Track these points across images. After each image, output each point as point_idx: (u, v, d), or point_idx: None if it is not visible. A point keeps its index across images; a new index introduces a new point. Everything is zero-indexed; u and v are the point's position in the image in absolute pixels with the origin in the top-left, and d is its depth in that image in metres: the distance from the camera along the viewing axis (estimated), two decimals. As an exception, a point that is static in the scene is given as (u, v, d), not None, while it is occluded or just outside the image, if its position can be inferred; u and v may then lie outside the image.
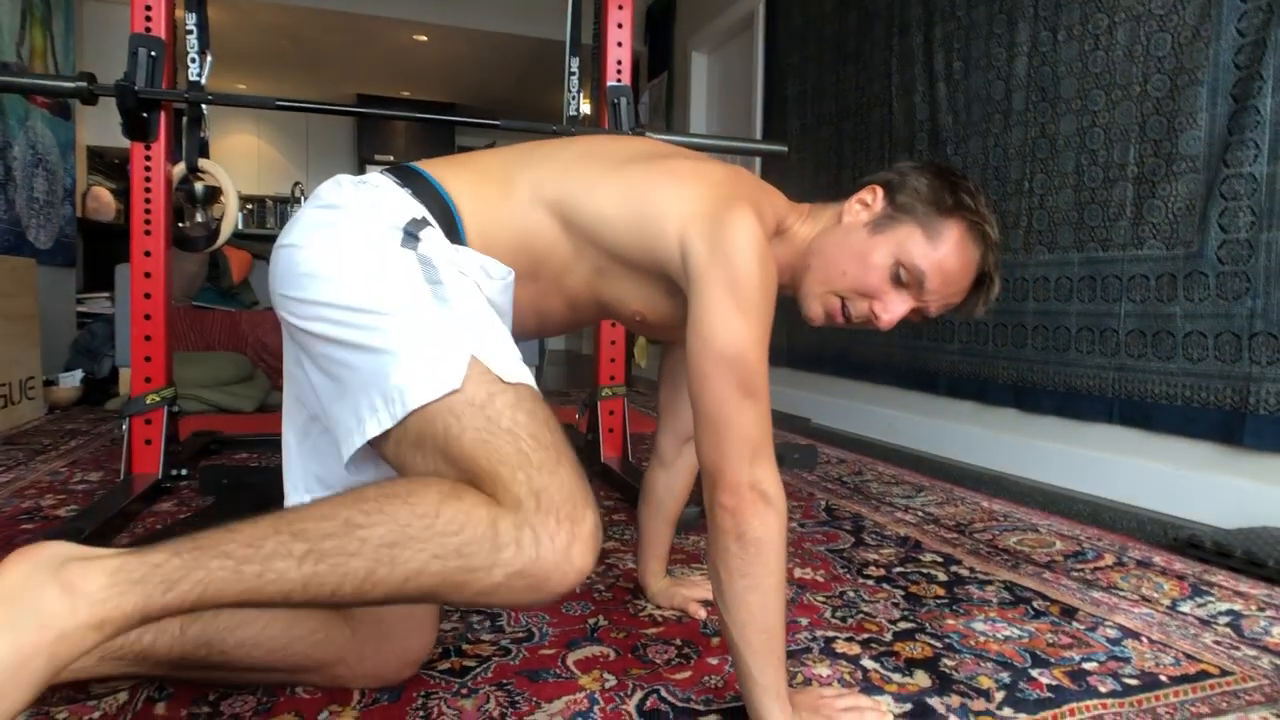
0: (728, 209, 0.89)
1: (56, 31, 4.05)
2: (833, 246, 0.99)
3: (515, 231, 0.96)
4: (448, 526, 0.68)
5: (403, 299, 0.81)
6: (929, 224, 0.95)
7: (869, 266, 0.96)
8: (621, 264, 0.98)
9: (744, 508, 0.83)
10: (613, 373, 2.29)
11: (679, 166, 0.99)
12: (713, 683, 1.03)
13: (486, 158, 1.04)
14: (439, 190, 0.94)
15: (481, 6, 5.52)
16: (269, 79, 7.06)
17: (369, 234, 0.86)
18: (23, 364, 2.92)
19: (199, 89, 2.10)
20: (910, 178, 0.98)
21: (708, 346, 0.85)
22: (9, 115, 3.50)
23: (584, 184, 0.97)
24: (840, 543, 1.68)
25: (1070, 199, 2.25)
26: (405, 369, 0.77)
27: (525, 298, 1.00)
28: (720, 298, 0.86)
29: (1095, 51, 2.17)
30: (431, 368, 0.76)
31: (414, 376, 0.76)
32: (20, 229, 3.59)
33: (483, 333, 0.81)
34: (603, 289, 1.01)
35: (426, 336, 0.79)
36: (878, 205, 0.98)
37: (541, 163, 1.00)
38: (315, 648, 0.94)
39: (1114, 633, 1.22)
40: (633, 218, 0.94)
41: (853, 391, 3.28)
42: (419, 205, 0.91)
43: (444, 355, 0.77)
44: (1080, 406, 2.24)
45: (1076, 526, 1.83)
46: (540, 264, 0.98)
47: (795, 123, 3.67)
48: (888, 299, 0.97)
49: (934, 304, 0.98)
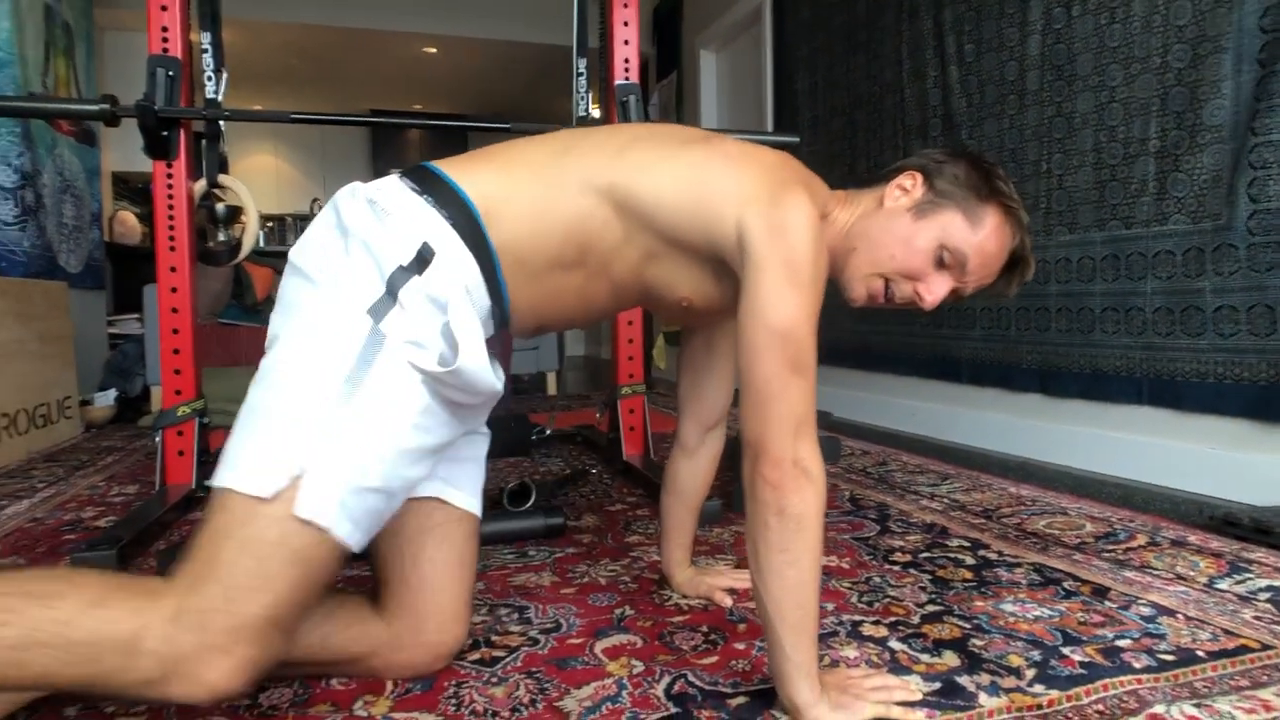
0: (784, 191, 0.92)
1: (79, 61, 4.13)
2: (878, 231, 1.02)
3: (564, 220, 0.96)
4: (84, 635, 0.74)
5: (298, 373, 0.86)
6: (969, 209, 0.99)
7: (914, 250, 0.99)
8: (675, 247, 0.99)
9: (786, 482, 0.84)
10: (632, 371, 2.29)
11: (732, 149, 1.00)
12: (740, 666, 1.03)
13: (522, 149, 1.03)
14: (459, 194, 0.94)
15: (488, 16, 5.56)
16: (284, 97, 7.17)
17: (343, 295, 0.88)
18: (59, 384, 2.98)
19: (216, 106, 2.14)
20: (947, 165, 1.02)
21: (761, 322, 0.87)
22: (38, 144, 3.57)
23: (639, 168, 0.97)
24: (865, 531, 1.67)
25: (1090, 177, 2.22)
26: (241, 444, 0.84)
27: (570, 285, 1.00)
28: (776, 275, 0.88)
29: (1112, 25, 2.14)
30: (255, 462, 0.81)
31: (240, 458, 0.83)
32: (51, 254, 3.67)
33: (342, 455, 0.82)
34: (651, 274, 1.02)
35: (278, 425, 0.83)
36: (918, 191, 1.01)
37: (591, 150, 1.00)
38: (352, 641, 0.97)
39: (1148, 610, 1.20)
40: (690, 200, 0.95)
41: (874, 384, 3.26)
42: (431, 226, 0.91)
43: (273, 458, 0.81)
44: (1108, 388, 2.21)
45: (1107, 509, 1.80)
46: (588, 251, 0.98)
47: (807, 115, 3.66)
48: (931, 280, 1.00)
49: (971, 284, 1.02)
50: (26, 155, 3.42)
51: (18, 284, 2.79)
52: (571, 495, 2.03)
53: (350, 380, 0.84)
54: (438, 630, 0.99)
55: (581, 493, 2.06)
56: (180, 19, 1.97)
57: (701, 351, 1.24)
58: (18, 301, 2.69)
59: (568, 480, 2.16)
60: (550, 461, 2.50)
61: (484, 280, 0.94)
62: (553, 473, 2.30)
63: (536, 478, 2.16)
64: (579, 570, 1.44)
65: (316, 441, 0.81)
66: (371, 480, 0.84)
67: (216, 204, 2.27)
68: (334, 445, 0.82)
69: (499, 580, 1.40)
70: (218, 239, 2.33)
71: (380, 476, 0.85)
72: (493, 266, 0.94)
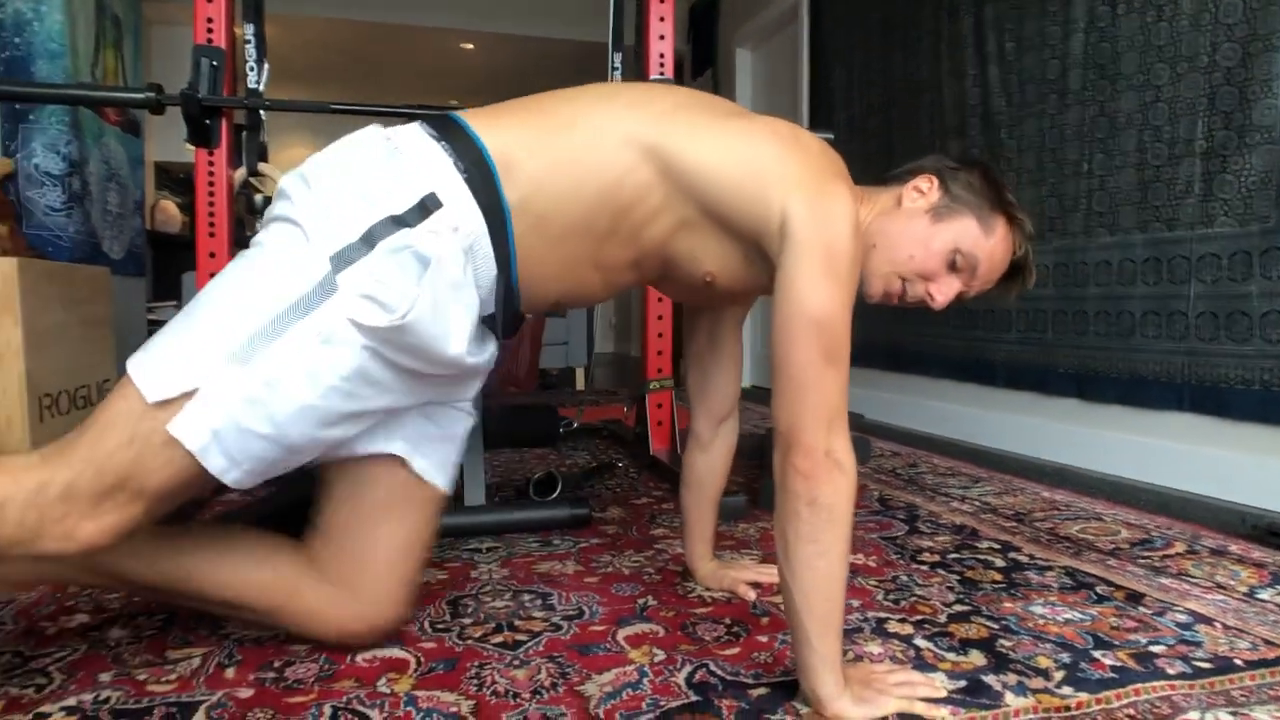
0: (830, 182, 0.92)
1: (126, 54, 4.22)
2: (896, 231, 1.03)
3: (599, 174, 0.94)
4: None
5: (241, 291, 0.89)
6: (983, 216, 1.02)
7: (931, 252, 1.01)
8: (711, 220, 0.97)
9: (818, 472, 0.84)
10: (660, 366, 2.29)
11: (782, 129, 1.00)
12: (762, 658, 1.03)
13: (549, 103, 1.01)
14: (478, 144, 0.93)
15: (526, 13, 5.60)
16: (323, 91, 7.27)
17: (317, 232, 0.88)
18: (99, 368, 3.04)
19: (257, 96, 2.17)
20: (962, 172, 1.04)
21: (799, 309, 0.87)
22: (86, 133, 3.66)
23: (688, 131, 0.96)
24: (893, 530, 1.65)
25: (1133, 178, 2.18)
26: (160, 341, 0.88)
27: (590, 253, 0.98)
28: (816, 264, 0.87)
29: (1158, 23, 2.10)
30: (161, 363, 0.85)
31: (152, 352, 0.87)
32: (95, 240, 3.75)
33: (238, 388, 0.84)
34: (680, 245, 1.00)
35: (196, 337, 0.87)
36: (934, 194, 1.03)
37: (633, 108, 0.99)
38: (268, 584, 1.01)
39: (1184, 618, 1.17)
40: (737, 175, 0.94)
41: (906, 385, 3.22)
42: (442, 176, 0.90)
43: (177, 367, 0.84)
44: (1147, 394, 2.16)
45: (1144, 515, 1.76)
46: (625, 213, 0.96)
47: (842, 113, 3.63)
48: (942, 281, 1.03)
49: (976, 288, 1.05)
50: (74, 144, 3.50)
51: (64, 268, 2.86)
52: (597, 487, 2.03)
53: (280, 320, 0.85)
54: (372, 601, 1.01)
55: (607, 485, 2.06)
56: (225, 10, 2.00)
57: (705, 345, 1.24)
58: (63, 285, 2.75)
59: (594, 472, 2.17)
60: (577, 454, 2.51)
61: (492, 243, 0.92)
62: (579, 465, 2.31)
63: (563, 469, 2.16)
64: (603, 560, 1.44)
65: (221, 366, 0.83)
66: (260, 426, 0.84)
67: (254, 194, 2.32)
68: (236, 377, 0.83)
69: (523, 567, 1.40)
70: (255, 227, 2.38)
71: (273, 426, 0.85)
72: (504, 228, 0.92)
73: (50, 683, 0.96)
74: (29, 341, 2.49)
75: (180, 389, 0.83)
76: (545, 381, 4.57)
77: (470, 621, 1.15)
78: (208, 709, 0.90)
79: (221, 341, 0.84)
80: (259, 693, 0.93)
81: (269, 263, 0.90)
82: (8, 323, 2.46)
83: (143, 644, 1.07)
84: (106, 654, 1.04)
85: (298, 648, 1.05)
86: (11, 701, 0.91)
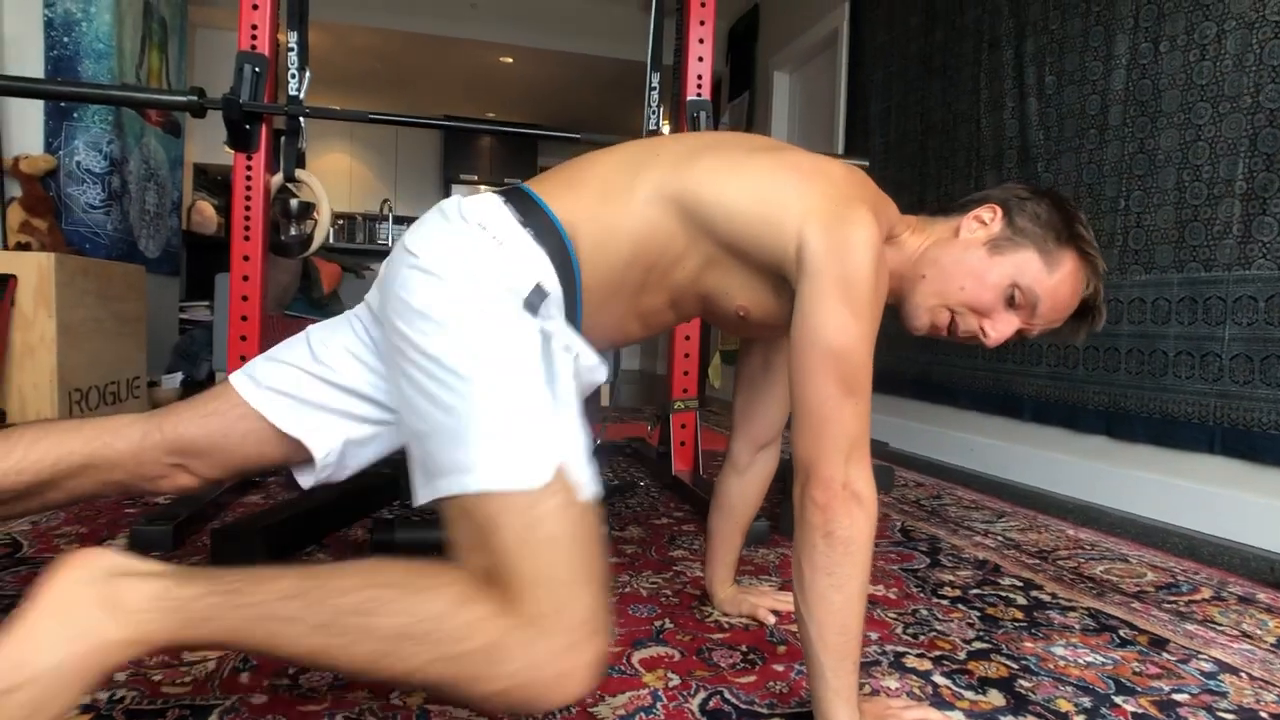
0: (848, 208, 0.89)
1: (171, 55, 4.31)
2: (949, 261, 0.99)
3: (633, 237, 0.94)
4: (455, 633, 0.69)
5: (512, 370, 0.80)
6: (1046, 250, 0.96)
7: (985, 285, 0.97)
8: (734, 256, 0.96)
9: (835, 505, 0.83)
10: (686, 386, 2.28)
11: (802, 161, 0.98)
12: (778, 688, 1.02)
13: (599, 166, 1.01)
14: (556, 226, 0.91)
15: (566, 30, 5.65)
16: (362, 99, 7.36)
17: (489, 293, 0.84)
18: (130, 364, 3.09)
19: (298, 103, 2.21)
20: (1029, 202, 1.00)
21: (815, 341, 0.85)
22: (128, 132, 3.73)
23: (708, 174, 0.96)
24: (915, 563, 1.63)
25: (1170, 216, 2.15)
26: (490, 447, 0.76)
27: (630, 307, 0.99)
28: (832, 293, 0.85)
29: (1201, 62, 2.08)
30: (517, 458, 0.76)
31: (494, 459, 0.76)
32: (132, 238, 3.82)
33: (575, 438, 0.80)
34: (710, 282, 1.00)
35: (523, 421, 0.78)
36: (996, 225, 0.99)
37: (662, 160, 0.99)
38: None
39: (1209, 666, 1.15)
40: (753, 210, 0.93)
41: (932, 415, 3.19)
42: (538, 261, 0.88)
43: (535, 451, 0.77)
44: (1178, 435, 2.12)
45: (1170, 558, 1.73)
46: (653, 264, 0.96)
47: (878, 140, 3.62)
48: (998, 318, 0.98)
49: (1039, 327, 0.99)
50: (116, 143, 3.58)
51: (100, 265, 2.91)
52: (618, 506, 2.03)
53: (548, 380, 0.82)
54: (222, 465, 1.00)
55: (628, 504, 2.06)
56: (270, 18, 2.04)
57: (758, 368, 1.23)
58: (99, 281, 2.80)
59: (615, 491, 2.16)
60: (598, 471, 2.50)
61: (569, 317, 0.93)
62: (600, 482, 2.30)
63: (582, 485, 2.16)
64: (620, 580, 1.44)
65: (553, 430, 0.80)
66: (586, 453, 0.82)
67: (291, 199, 2.35)
68: (566, 430, 0.81)
69: (540, 583, 1.40)
70: (289, 232, 2.41)
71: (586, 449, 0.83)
72: (575, 302, 0.93)
73: (69, 677, 0.97)
74: (62, 335, 2.54)
75: (553, 466, 0.78)
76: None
77: (485, 636, 1.14)
78: (221, 713, 0.90)
79: (533, 415, 0.80)
80: (272, 700, 0.94)
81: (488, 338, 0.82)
82: (43, 316, 2.51)
83: (161, 642, 1.08)
84: (125, 650, 1.05)
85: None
86: (30, 694, 0.92)
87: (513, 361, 0.81)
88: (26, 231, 3.17)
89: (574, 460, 0.79)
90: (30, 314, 2.48)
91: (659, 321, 1.06)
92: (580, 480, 0.79)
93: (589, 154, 1.04)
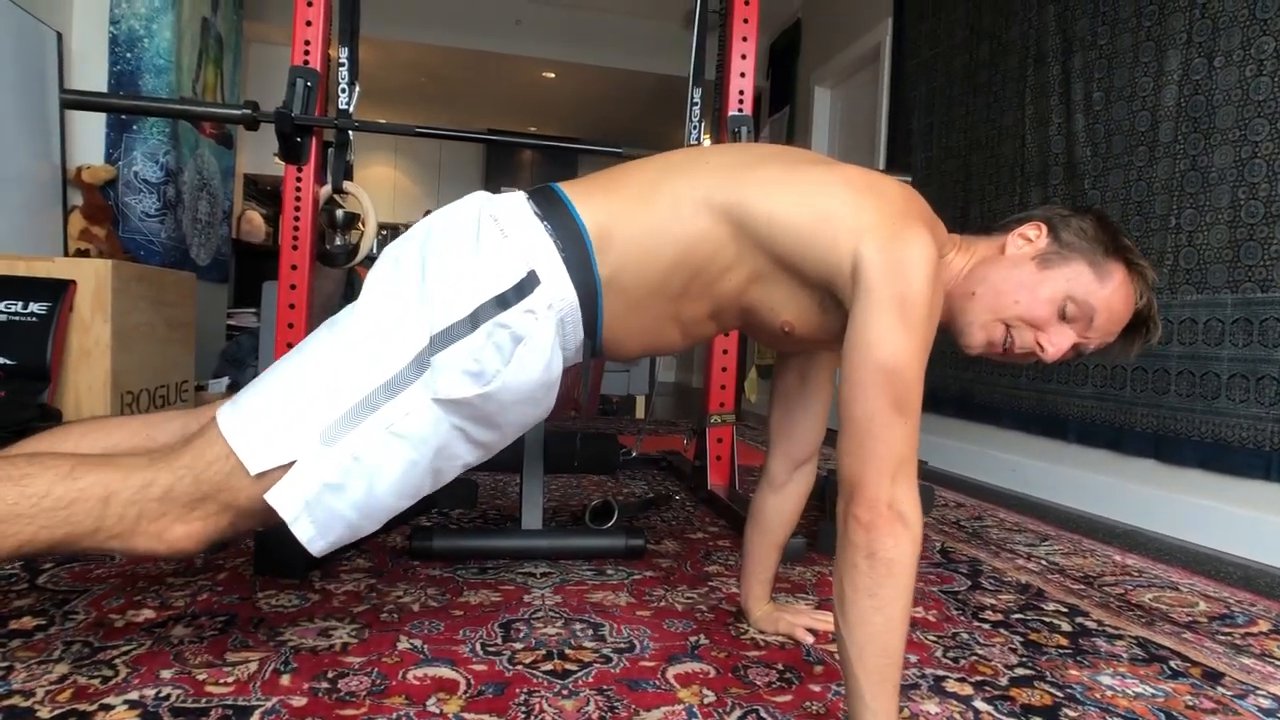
0: (906, 225, 0.89)
1: (226, 70, 4.43)
2: (1000, 277, 0.99)
3: (676, 243, 0.96)
4: (55, 504, 0.84)
5: (352, 366, 0.91)
6: (1096, 262, 0.97)
7: (1039, 299, 0.97)
8: (784, 270, 0.97)
9: (879, 525, 0.81)
10: (722, 400, 2.27)
11: (856, 176, 0.98)
12: (815, 709, 1.00)
13: (640, 171, 1.03)
14: (577, 222, 0.96)
15: (609, 45, 5.71)
16: (408, 113, 7.50)
17: (431, 303, 0.92)
18: (179, 368, 3.17)
19: (347, 117, 2.25)
20: (1074, 219, 1.01)
21: (868, 357, 0.85)
22: (183, 144, 3.85)
23: (759, 187, 0.96)
24: (955, 585, 1.60)
25: (1224, 235, 2.10)
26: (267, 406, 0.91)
27: (670, 311, 1.01)
28: (888, 311, 0.85)
29: (1259, 78, 2.03)
30: (263, 433, 0.89)
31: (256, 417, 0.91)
32: (184, 246, 3.92)
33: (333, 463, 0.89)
34: (756, 295, 1.00)
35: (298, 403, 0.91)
36: (1042, 241, 1.00)
37: (711, 168, 1.00)
38: None
39: (1268, 703, 1.11)
40: (807, 224, 0.93)
41: (975, 435, 3.14)
42: (543, 254, 0.93)
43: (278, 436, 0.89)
44: (1231, 460, 2.06)
45: (1225, 588, 1.67)
46: (698, 271, 0.97)
47: (921, 156, 3.59)
48: (1053, 331, 0.98)
49: (1095, 341, 0.99)
50: (172, 154, 3.68)
51: (154, 271, 2.99)
52: (653, 519, 2.02)
53: (371, 399, 0.90)
54: None
55: (663, 517, 2.05)
56: (322, 34, 2.09)
57: (795, 384, 1.22)
58: (152, 287, 2.88)
59: (650, 504, 2.16)
60: (634, 484, 2.50)
61: (581, 313, 0.96)
62: (636, 495, 2.30)
63: (620, 498, 2.16)
64: (656, 594, 1.43)
65: (315, 444, 0.88)
66: (347, 511, 0.90)
67: (337, 209, 2.39)
68: (327, 458, 0.88)
69: (576, 595, 1.40)
70: (335, 242, 2.45)
71: (356, 510, 0.91)
72: (595, 299, 0.96)
73: (115, 675, 0.99)
74: (116, 339, 2.61)
75: (277, 462, 0.88)
76: (605, 408, 4.58)
77: (521, 646, 1.15)
78: (262, 714, 0.91)
79: (316, 417, 0.89)
80: (312, 702, 0.95)
81: (372, 327, 0.94)
82: (99, 320, 2.58)
83: (204, 644, 1.10)
84: (169, 651, 1.07)
85: (352, 660, 1.07)
86: (79, 690, 0.95)
87: (356, 351, 0.92)
88: (86, 239, 3.28)
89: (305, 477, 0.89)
90: (88, 318, 2.56)
91: (699, 332, 1.07)
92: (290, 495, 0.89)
93: (628, 162, 1.07)
